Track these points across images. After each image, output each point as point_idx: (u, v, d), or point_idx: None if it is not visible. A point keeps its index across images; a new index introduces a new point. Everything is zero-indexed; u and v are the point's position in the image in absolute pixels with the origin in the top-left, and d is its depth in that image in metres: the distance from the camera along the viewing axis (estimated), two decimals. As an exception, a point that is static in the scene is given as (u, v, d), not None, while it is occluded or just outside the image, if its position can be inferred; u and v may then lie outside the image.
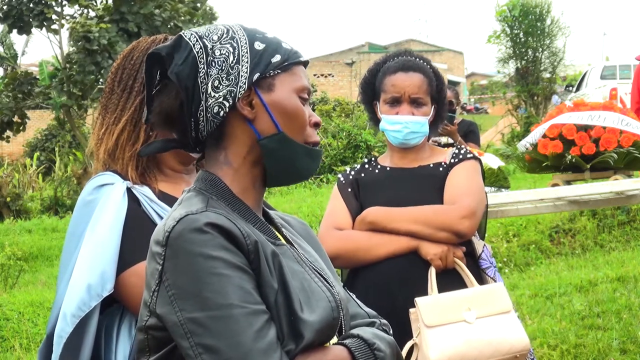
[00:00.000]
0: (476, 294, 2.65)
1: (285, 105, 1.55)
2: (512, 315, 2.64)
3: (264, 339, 1.39)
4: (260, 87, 1.55)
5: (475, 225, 2.78)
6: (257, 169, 1.57)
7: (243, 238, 1.45)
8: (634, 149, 3.96)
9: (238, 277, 1.41)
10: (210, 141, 1.57)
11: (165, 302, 1.42)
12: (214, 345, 1.37)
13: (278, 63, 1.56)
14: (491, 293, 2.67)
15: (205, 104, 1.53)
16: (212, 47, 1.54)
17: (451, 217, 2.74)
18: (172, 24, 16.75)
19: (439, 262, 2.73)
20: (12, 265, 9.36)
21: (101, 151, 2.05)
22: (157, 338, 1.47)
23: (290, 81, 1.57)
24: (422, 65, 2.95)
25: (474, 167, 2.89)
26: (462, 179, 2.84)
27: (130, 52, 2.09)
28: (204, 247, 1.41)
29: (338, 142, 16.44)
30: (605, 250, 8.39)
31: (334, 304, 1.52)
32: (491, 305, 2.63)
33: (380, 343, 1.54)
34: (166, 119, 1.58)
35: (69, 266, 1.90)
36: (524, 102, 18.61)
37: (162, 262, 1.43)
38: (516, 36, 18.48)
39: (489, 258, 2.84)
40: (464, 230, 2.74)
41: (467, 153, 2.92)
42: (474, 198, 2.79)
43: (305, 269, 1.56)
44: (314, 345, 1.46)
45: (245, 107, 1.54)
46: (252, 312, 1.40)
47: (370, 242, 2.80)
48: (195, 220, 1.43)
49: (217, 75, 1.53)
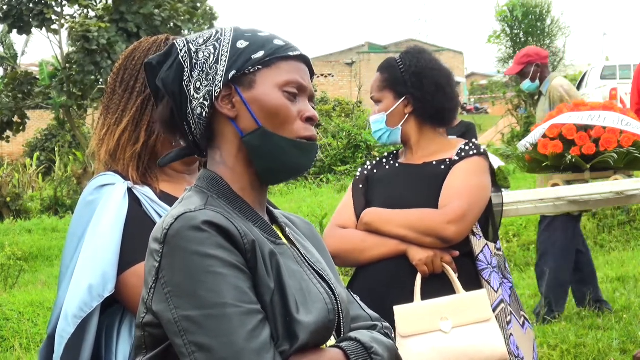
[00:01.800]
0: (456, 302, 2.62)
1: (264, 100, 1.53)
2: (491, 324, 2.60)
3: (257, 338, 1.38)
4: (241, 85, 1.54)
5: (464, 230, 2.71)
6: (252, 169, 1.56)
7: (240, 237, 1.45)
8: (634, 149, 3.96)
9: (234, 276, 1.41)
10: (205, 142, 1.58)
11: (161, 299, 1.42)
12: (207, 344, 1.37)
13: (259, 59, 1.54)
14: (471, 301, 2.63)
15: (191, 107, 1.54)
16: (196, 50, 1.55)
17: (437, 222, 2.69)
18: (172, 23, 16.74)
19: (424, 267, 2.70)
20: (12, 265, 9.36)
21: (102, 152, 2.05)
22: (154, 335, 1.47)
23: (273, 76, 1.55)
24: (383, 62, 2.94)
25: (476, 165, 2.80)
26: (459, 179, 2.77)
27: (132, 52, 2.09)
28: (201, 246, 1.41)
29: (338, 142, 16.45)
30: (605, 250, 8.40)
31: (331, 306, 1.51)
32: (470, 313, 2.59)
33: (378, 347, 1.53)
34: (166, 126, 1.59)
35: (70, 266, 1.90)
36: (524, 102, 18.59)
37: (159, 260, 1.43)
38: (516, 36, 18.50)
39: (487, 259, 2.77)
40: (449, 236, 2.69)
41: (472, 149, 2.83)
42: (466, 201, 2.71)
43: (305, 270, 1.55)
44: (308, 346, 1.45)
45: (225, 106, 1.54)
46: (246, 312, 1.39)
47: (364, 244, 2.80)
48: (192, 218, 1.43)
49: (198, 77, 1.54)
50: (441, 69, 2.89)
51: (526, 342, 2.76)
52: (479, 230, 2.78)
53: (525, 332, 2.77)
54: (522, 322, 2.79)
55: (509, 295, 2.78)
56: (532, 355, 2.77)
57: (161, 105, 1.58)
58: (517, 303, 2.82)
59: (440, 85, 2.85)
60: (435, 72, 2.87)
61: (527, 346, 2.75)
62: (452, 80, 2.92)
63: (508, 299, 2.77)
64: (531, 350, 2.78)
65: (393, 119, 2.87)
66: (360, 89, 21.95)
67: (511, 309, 2.75)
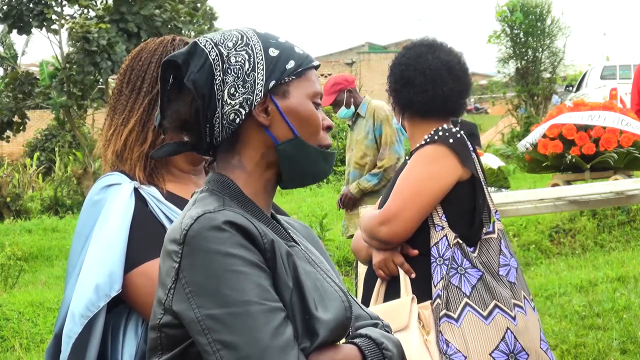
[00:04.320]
0: (381, 309, 2.60)
1: (300, 111, 1.58)
2: (408, 331, 2.56)
3: (282, 336, 1.41)
4: (276, 94, 1.57)
5: (398, 229, 2.67)
6: (270, 172, 1.59)
7: (260, 237, 1.47)
8: (634, 149, 3.97)
9: (256, 275, 1.43)
10: (224, 145, 1.59)
11: (182, 299, 1.43)
12: (232, 342, 1.39)
13: (292, 69, 1.58)
14: (394, 308, 2.61)
15: (222, 111, 1.55)
16: (227, 55, 1.56)
17: (372, 225, 2.71)
18: (172, 24, 16.72)
19: (379, 271, 2.73)
20: (12, 265, 9.36)
21: (109, 152, 2.05)
22: (171, 336, 1.48)
23: (304, 87, 1.60)
24: None
25: (426, 155, 2.74)
26: (402, 174, 2.76)
27: (139, 53, 2.10)
28: (222, 245, 1.43)
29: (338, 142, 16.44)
30: (605, 250, 8.40)
31: (347, 304, 1.55)
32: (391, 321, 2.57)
33: (388, 343, 1.57)
34: (181, 124, 1.60)
35: (77, 266, 1.91)
36: (524, 102, 18.59)
37: (179, 260, 1.44)
38: (516, 36, 18.47)
39: (438, 251, 2.68)
40: (382, 238, 2.69)
41: (429, 138, 2.77)
42: (399, 198, 2.68)
43: (317, 270, 1.58)
44: (327, 343, 1.48)
45: (260, 114, 1.56)
46: (270, 309, 1.41)
47: (357, 246, 2.91)
48: (213, 219, 1.45)
49: (233, 83, 1.55)
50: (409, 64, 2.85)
51: (483, 333, 2.62)
52: (441, 221, 2.71)
53: (489, 322, 2.62)
54: (489, 312, 2.64)
55: (472, 285, 2.65)
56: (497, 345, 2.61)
57: (182, 103, 1.58)
58: (488, 292, 2.65)
59: (409, 78, 2.83)
60: (403, 66, 2.87)
61: (484, 337, 2.61)
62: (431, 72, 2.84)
63: (468, 290, 2.64)
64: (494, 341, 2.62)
65: (397, 117, 2.97)
66: (360, 89, 21.96)
67: (468, 300, 2.63)
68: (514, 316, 2.66)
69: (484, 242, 2.75)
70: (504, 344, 2.62)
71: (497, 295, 2.66)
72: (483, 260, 2.71)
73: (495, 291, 2.67)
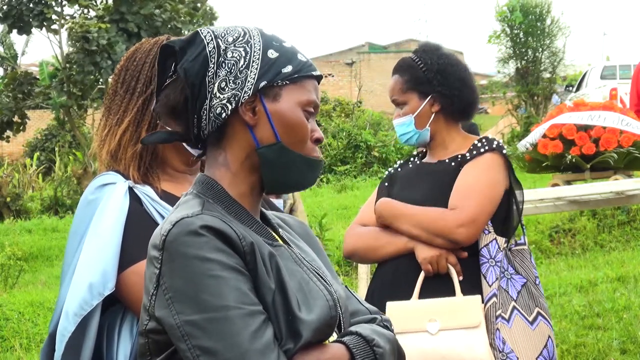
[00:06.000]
0: (448, 304, 2.61)
1: (287, 116, 1.55)
2: (479, 331, 2.59)
3: (261, 339, 1.40)
4: (266, 96, 1.55)
5: (475, 232, 2.70)
6: (255, 176, 1.57)
7: (239, 240, 1.46)
8: (634, 149, 3.97)
9: (234, 279, 1.42)
10: (211, 140, 1.58)
11: (163, 305, 1.43)
12: (212, 347, 1.38)
13: (288, 74, 1.56)
14: (464, 305, 2.62)
15: (210, 103, 1.54)
16: (225, 49, 1.55)
17: (449, 225, 2.69)
18: (172, 24, 16.73)
19: (428, 266, 2.71)
20: (12, 265, 9.37)
21: (104, 152, 2.06)
22: (158, 342, 1.48)
23: (298, 94, 1.57)
24: (400, 63, 2.92)
25: (486, 163, 2.77)
26: (470, 178, 2.74)
27: (133, 53, 2.10)
28: (200, 250, 1.42)
29: (338, 142, 16.45)
30: (605, 250, 8.40)
31: (332, 303, 1.53)
32: (459, 318, 2.58)
33: (379, 339, 1.55)
34: (171, 111, 1.58)
35: (72, 265, 1.91)
36: (524, 102, 18.59)
37: (159, 266, 1.44)
38: (516, 36, 18.48)
39: (490, 253, 2.74)
40: (460, 239, 2.69)
41: (484, 145, 2.81)
42: (477, 202, 2.69)
43: (303, 269, 1.56)
44: (312, 343, 1.47)
45: (247, 113, 1.54)
46: (248, 313, 1.41)
47: (377, 242, 2.84)
48: (190, 223, 1.44)
49: (225, 77, 1.54)
50: (460, 64, 2.89)
51: (530, 338, 2.71)
52: (488, 226, 2.75)
53: (535, 328, 2.73)
54: (534, 318, 2.74)
55: (517, 290, 2.74)
56: (541, 351, 2.72)
57: (173, 89, 1.57)
58: (532, 299, 2.76)
59: (464, 79, 2.85)
60: (456, 67, 2.86)
61: (530, 342, 2.71)
62: (471, 73, 2.92)
63: (515, 295, 2.73)
64: (538, 347, 2.73)
65: (420, 120, 2.85)
66: (360, 89, 21.95)
67: (516, 304, 2.71)
68: (552, 325, 2.79)
69: (518, 253, 2.84)
70: (546, 351, 2.73)
71: (539, 303, 2.77)
72: (524, 268, 2.82)
73: (538, 299, 2.77)
